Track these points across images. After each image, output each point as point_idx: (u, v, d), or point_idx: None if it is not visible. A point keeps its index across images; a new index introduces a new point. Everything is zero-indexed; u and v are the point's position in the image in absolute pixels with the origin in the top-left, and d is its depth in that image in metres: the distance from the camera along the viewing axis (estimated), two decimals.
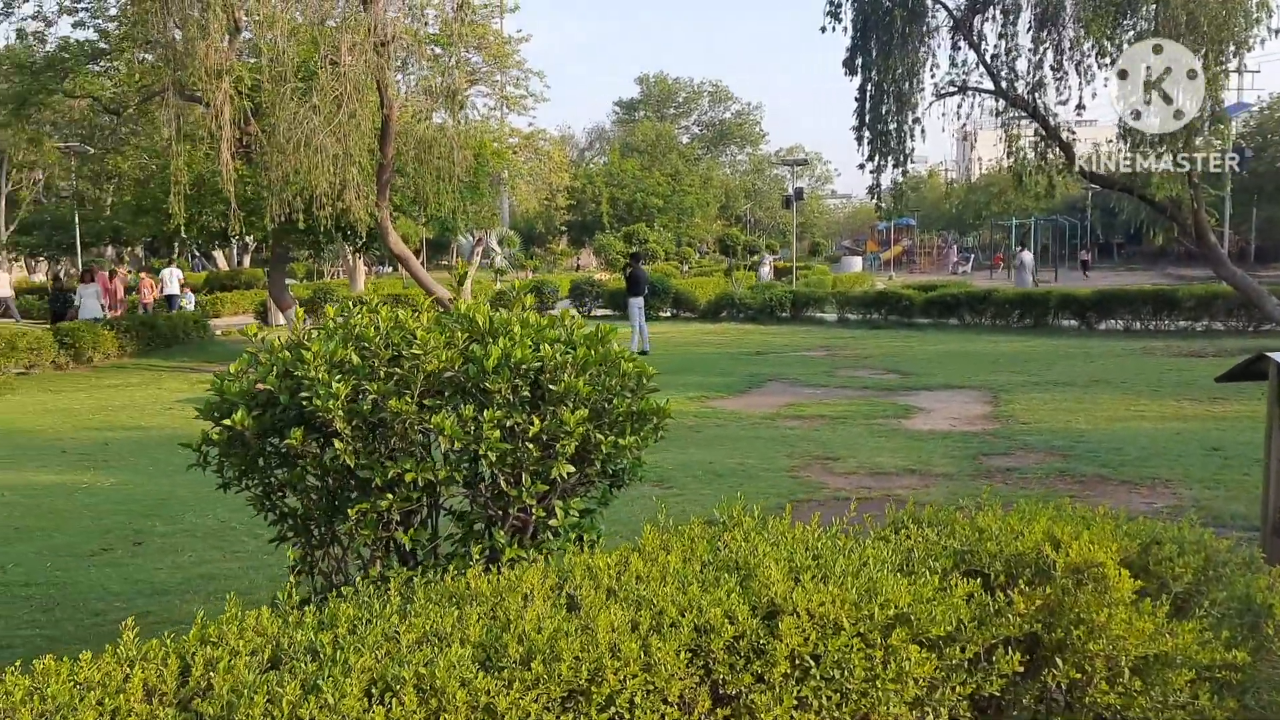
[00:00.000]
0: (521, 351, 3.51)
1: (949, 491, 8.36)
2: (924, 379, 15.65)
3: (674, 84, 71.71)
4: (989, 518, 3.47)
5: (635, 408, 3.83)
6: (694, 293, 30.11)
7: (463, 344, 3.64)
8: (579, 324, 4.10)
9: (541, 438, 3.51)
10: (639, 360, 4.12)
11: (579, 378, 3.59)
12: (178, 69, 13.32)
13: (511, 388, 3.52)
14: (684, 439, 11.03)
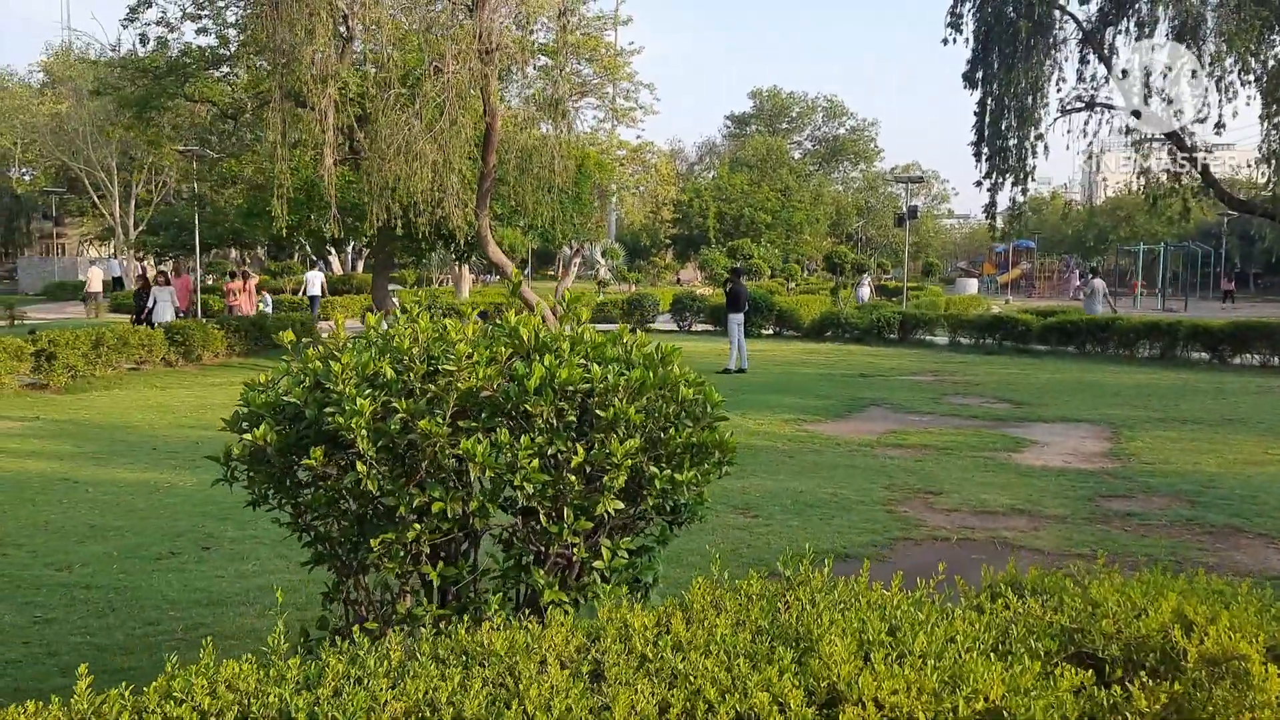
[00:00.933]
0: (568, 371, 3.12)
1: (1061, 537, 7.71)
2: (1038, 410, 14.79)
3: (787, 98, 70.88)
4: (1105, 588, 2.95)
5: (696, 439, 3.40)
6: (798, 311, 29.45)
7: (505, 360, 3.28)
8: (641, 341, 3.70)
9: (585, 469, 3.12)
10: (704, 385, 3.69)
11: (631, 403, 3.19)
12: (284, 74, 13.44)
13: (556, 411, 3.14)
14: (775, 464, 10.54)
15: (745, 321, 28.27)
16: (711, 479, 3.57)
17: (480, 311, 15.46)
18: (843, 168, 72.94)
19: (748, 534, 7.70)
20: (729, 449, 3.54)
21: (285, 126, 14.07)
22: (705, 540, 7.42)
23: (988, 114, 17.62)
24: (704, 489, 3.63)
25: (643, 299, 31.37)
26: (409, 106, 13.63)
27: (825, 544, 7.40)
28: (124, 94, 19.20)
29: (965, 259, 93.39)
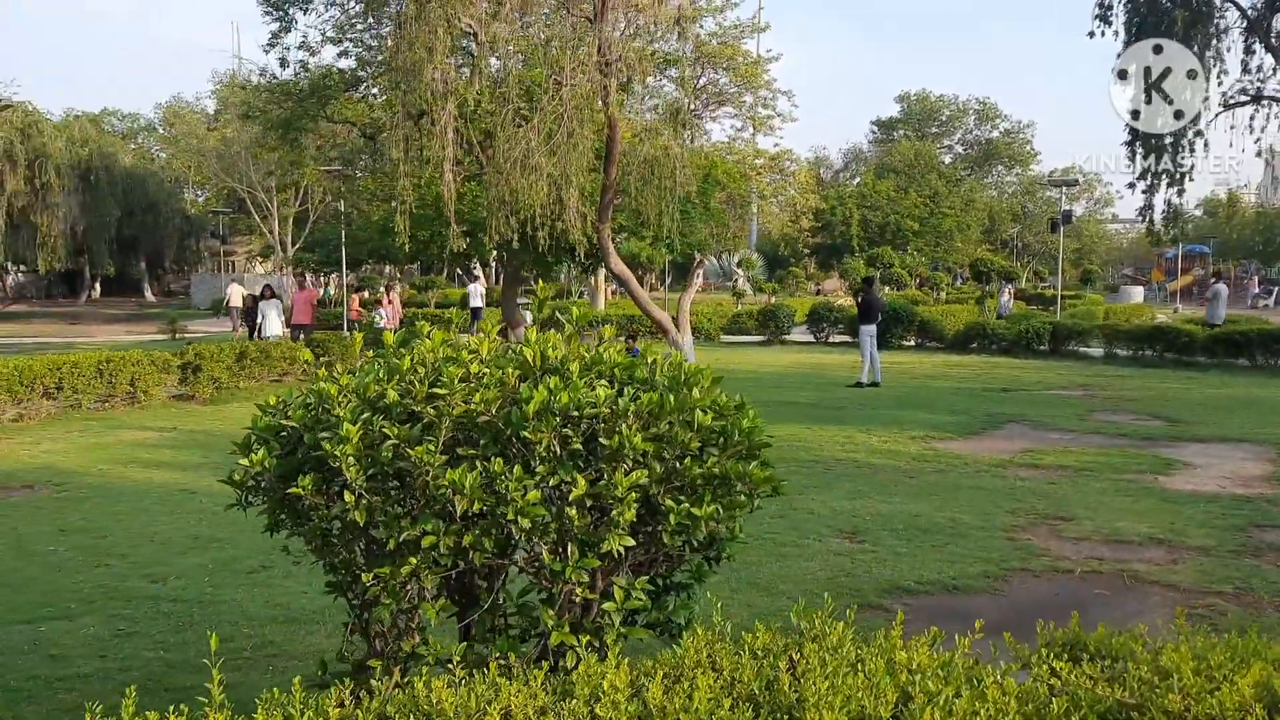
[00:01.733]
0: (569, 395, 2.87)
1: (1201, 571, 6.99)
2: (1195, 429, 13.69)
3: (936, 101, 68.73)
4: (1182, 654, 2.50)
5: (719, 469, 3.09)
6: (941, 321, 28.37)
7: (513, 383, 3.05)
8: (674, 361, 3.42)
9: (586, 502, 2.85)
10: (735, 409, 3.38)
11: (645, 430, 2.91)
12: (407, 92, 13.70)
13: (560, 439, 2.89)
14: (893, 485, 10.02)
15: (883, 333, 27.57)
16: (740, 514, 3.23)
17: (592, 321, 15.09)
18: (996, 172, 70.36)
19: (849, 560, 7.27)
20: (760, 480, 3.19)
21: (407, 144, 14.35)
22: (801, 567, 7.05)
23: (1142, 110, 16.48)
24: (733, 524, 3.30)
25: (777, 310, 30.83)
26: (528, 120, 13.67)
27: (933, 574, 6.92)
28: (269, 116, 20.06)
29: (1131, 265, 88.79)
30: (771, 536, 7.87)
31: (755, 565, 7.08)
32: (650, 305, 18.19)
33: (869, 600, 6.36)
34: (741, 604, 6.22)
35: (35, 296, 58.24)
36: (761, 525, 8.24)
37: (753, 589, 6.57)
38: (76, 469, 10.63)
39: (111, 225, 45.60)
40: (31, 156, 42.05)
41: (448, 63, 13.23)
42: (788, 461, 11.28)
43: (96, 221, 44.70)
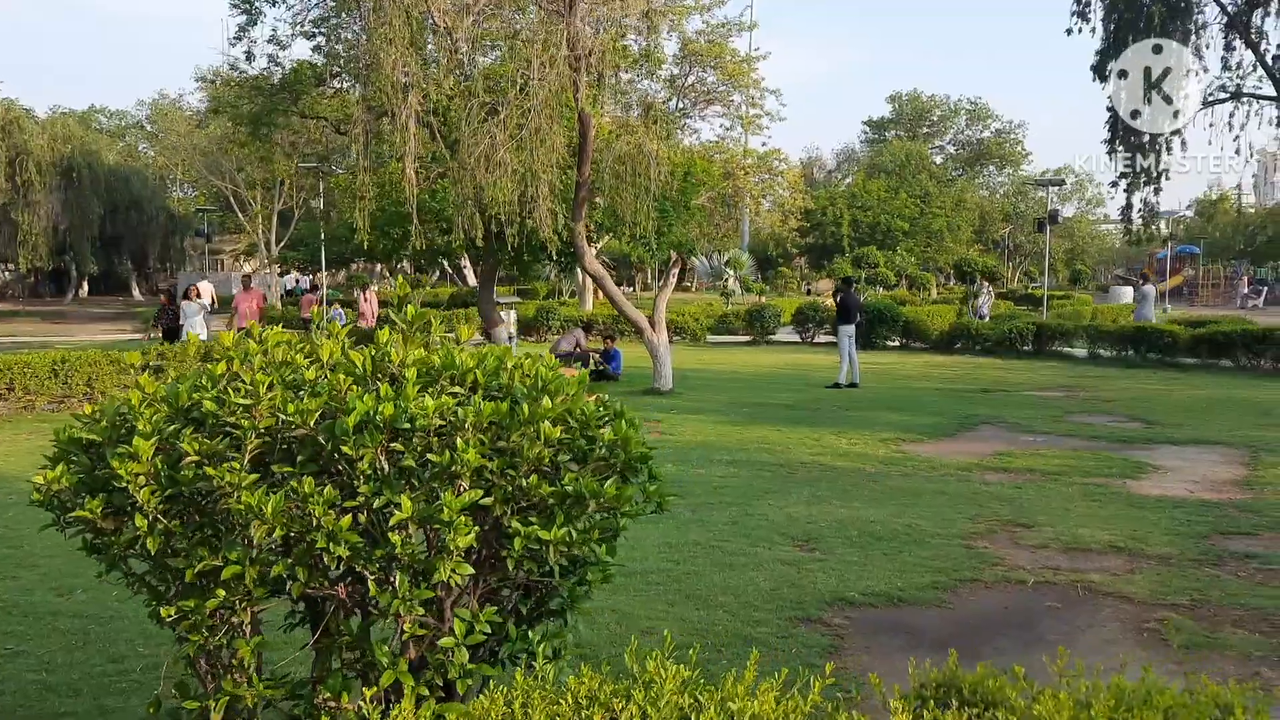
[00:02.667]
0: (392, 407, 2.57)
1: (1157, 582, 6.71)
2: (1171, 431, 13.42)
3: (928, 101, 68.37)
4: (1056, 703, 2.20)
5: (573, 488, 2.79)
6: (926, 322, 28.09)
7: (344, 392, 2.75)
8: (529, 366, 3.12)
9: (408, 525, 2.55)
10: (606, 420, 3.09)
11: (479, 445, 2.61)
12: (366, 84, 13.39)
13: (389, 455, 2.59)
14: (855, 489, 9.73)
15: (868, 334, 27.29)
16: (591, 538, 2.91)
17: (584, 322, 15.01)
18: (987, 172, 70.08)
19: (796, 570, 6.97)
20: (613, 499, 2.89)
21: (368, 138, 14.05)
22: (744, 578, 6.76)
23: (1121, 109, 16.21)
24: (600, 547, 3.00)
25: (763, 310, 30.56)
26: (493, 116, 13.36)
27: (880, 585, 6.63)
28: (239, 111, 19.74)
29: (1124, 266, 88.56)
30: (720, 545, 7.59)
31: (696, 576, 6.80)
32: (626, 305, 17.90)
33: (808, 613, 6.07)
34: (675, 618, 5.94)
35: (21, 295, 57.85)
36: (712, 533, 7.97)
37: (689, 602, 6.28)
38: (13, 474, 10.31)
39: (94, 223, 45.22)
40: (12, 154, 41.68)
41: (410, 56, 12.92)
42: (752, 465, 11.02)
43: (79, 219, 44.32)
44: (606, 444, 2.99)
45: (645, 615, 5.97)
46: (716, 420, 14.39)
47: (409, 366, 2.79)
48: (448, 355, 2.96)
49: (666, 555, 7.29)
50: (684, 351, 27.26)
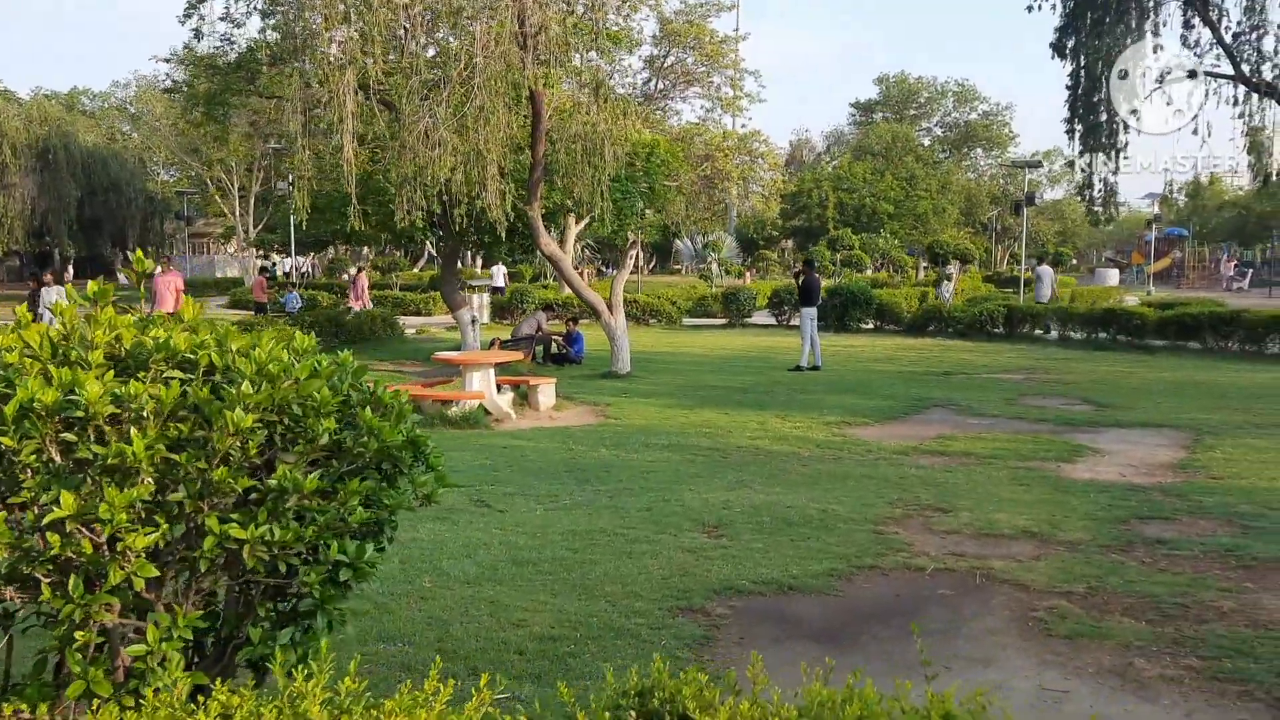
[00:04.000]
0: (53, 394, 2.40)
1: (1060, 569, 6.58)
2: (1121, 414, 13.30)
3: (915, 83, 67.89)
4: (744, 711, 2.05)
5: (279, 483, 2.62)
6: (900, 304, 27.95)
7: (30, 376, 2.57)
8: (265, 346, 2.96)
9: (64, 524, 2.38)
10: (329, 408, 2.92)
11: (150, 434, 2.45)
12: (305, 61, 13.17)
13: (63, 447, 2.43)
14: (781, 474, 9.59)
15: (842, 316, 27.14)
16: (309, 532, 2.74)
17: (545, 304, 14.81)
18: (974, 155, 69.77)
19: (695, 558, 6.83)
20: (349, 496, 2.71)
21: (306, 117, 13.83)
22: (639, 566, 6.62)
23: (1080, 87, 16.02)
24: (333, 544, 2.83)
25: (738, 293, 30.41)
26: (436, 93, 13.13)
27: (776, 572, 6.49)
28: (194, 90, 19.48)
29: (1113, 248, 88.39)
30: (626, 532, 7.44)
31: (591, 564, 6.66)
32: (583, 288, 17.75)
33: (692, 603, 5.93)
34: (553, 610, 5.79)
35: (6, 279, 57.55)
36: (623, 519, 7.83)
37: (575, 592, 6.13)
38: None
39: (71, 206, 44.87)
40: None
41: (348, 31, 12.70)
42: (687, 449, 10.89)
43: (55, 202, 43.99)
44: (361, 433, 2.83)
45: (522, 606, 5.82)
46: (666, 403, 14.25)
47: (96, 348, 2.62)
48: (166, 337, 2.80)
49: (568, 543, 7.15)
50: (657, 334, 27.14)
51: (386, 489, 3.13)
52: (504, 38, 14.09)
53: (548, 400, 13.94)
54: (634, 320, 30.33)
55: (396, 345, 23.46)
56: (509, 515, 7.95)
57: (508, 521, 7.74)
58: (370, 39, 12.66)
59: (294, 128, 13.87)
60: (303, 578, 2.77)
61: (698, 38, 35.91)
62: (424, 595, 6.02)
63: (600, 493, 8.75)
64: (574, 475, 9.52)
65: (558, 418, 13.50)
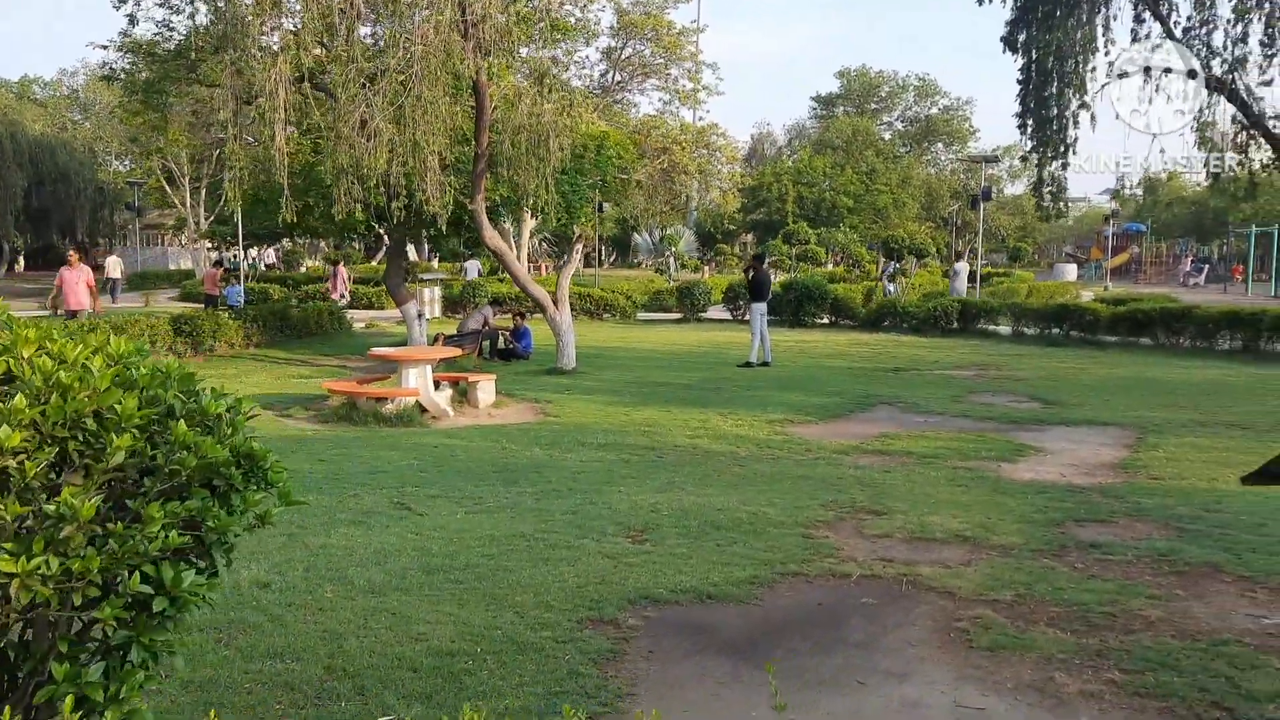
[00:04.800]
0: None
1: (988, 575, 6.39)
2: (1068, 411, 13.19)
3: (876, 77, 67.99)
4: None
5: (54, 508, 2.31)
6: (854, 300, 27.85)
7: None
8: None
9: None
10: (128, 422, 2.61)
11: None
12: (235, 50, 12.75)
13: None
14: (717, 474, 9.35)
15: (797, 310, 26.99)
16: (96, 562, 2.42)
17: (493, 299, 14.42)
18: (935, 149, 70.00)
19: (614, 565, 6.56)
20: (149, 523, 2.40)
21: (238, 105, 13.39)
22: (554, 574, 6.33)
23: (1031, 82, 15.89)
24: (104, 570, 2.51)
25: (693, 287, 30.17)
26: (374, 82, 12.74)
27: (696, 580, 6.24)
28: (132, 79, 18.94)
29: (1073, 243, 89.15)
30: (546, 537, 7.16)
31: (506, 572, 6.37)
32: (528, 282, 17.42)
33: (604, 614, 5.66)
34: (457, 622, 5.50)
35: None
36: (546, 524, 7.55)
37: (483, 602, 5.84)
38: None
39: (18, 195, 43.80)
40: None
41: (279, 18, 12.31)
42: (623, 449, 10.62)
43: (1, 192, 42.93)
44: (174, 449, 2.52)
45: (425, 618, 5.53)
46: (608, 401, 13.99)
47: None
48: None
49: (484, 549, 6.85)
50: (609, 329, 26.84)
51: (214, 509, 2.82)
52: (444, 26, 13.73)
53: (487, 397, 13.63)
54: (588, 315, 30.07)
55: (344, 339, 23.02)
56: (428, 519, 7.65)
57: (426, 525, 7.44)
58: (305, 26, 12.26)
59: (224, 116, 13.42)
60: (97, 612, 2.46)
61: (655, 29, 35.59)
62: (323, 607, 5.71)
63: (527, 495, 8.47)
64: (502, 476, 9.22)
65: (496, 415, 13.19)
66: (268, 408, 13.48)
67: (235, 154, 13.48)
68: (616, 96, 39.04)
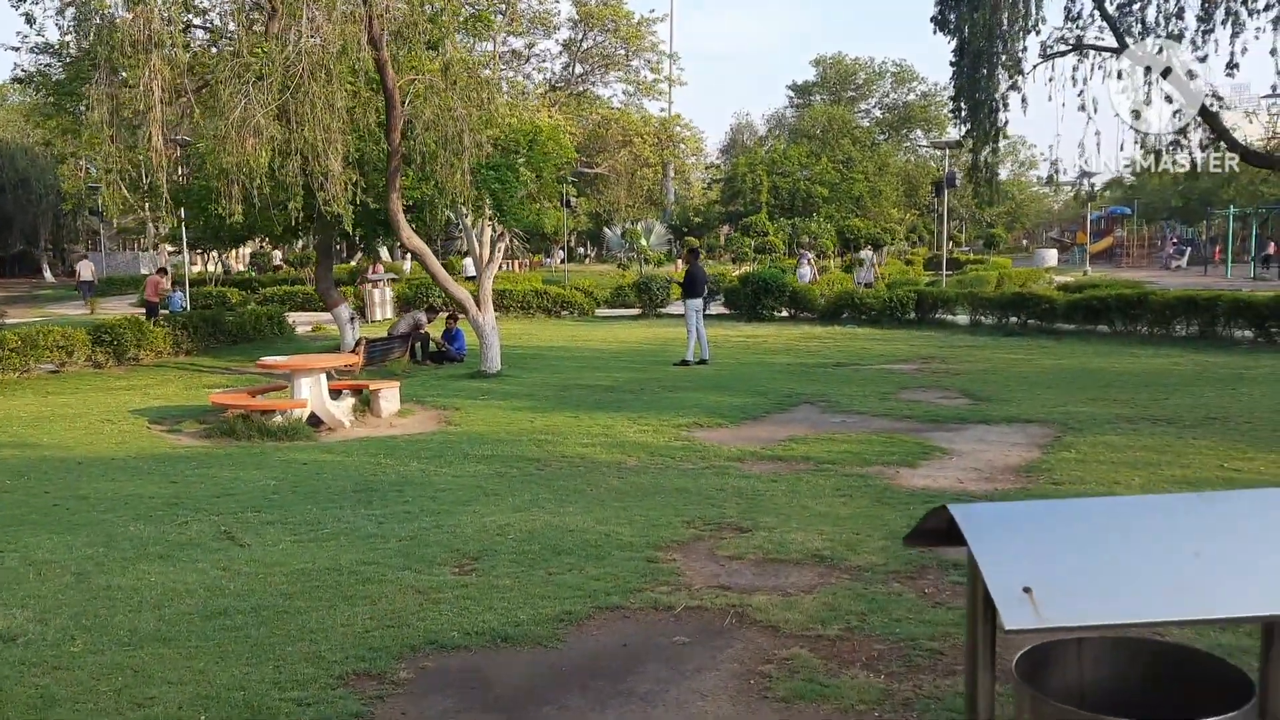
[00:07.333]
0: None
1: (825, 604, 5.81)
2: (993, 408, 12.60)
3: (852, 64, 67.20)
4: None
5: None
6: (813, 292, 27.24)
7: None
8: None
9: None
10: None
11: None
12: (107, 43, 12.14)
13: None
14: (588, 489, 8.75)
15: (754, 304, 26.40)
16: None
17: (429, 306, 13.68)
18: (914, 136, 69.25)
19: (420, 601, 5.96)
20: None
21: (114, 103, 12.76)
22: (345, 615, 5.73)
23: (964, 63, 15.28)
24: None
25: (651, 281, 29.56)
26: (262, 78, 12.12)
27: (499, 619, 5.65)
28: (46, 80, 18.31)
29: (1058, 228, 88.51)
30: (362, 569, 6.56)
31: (295, 614, 5.76)
32: (448, 282, 16.80)
33: (375, 666, 5.05)
34: (202, 680, 4.91)
35: None
36: (374, 553, 6.95)
37: (248, 654, 5.22)
38: None
39: None
40: None
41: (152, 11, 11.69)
42: (505, 460, 10.03)
43: None
44: None
45: (166, 678, 4.92)
46: (519, 406, 13.39)
47: None
48: None
49: (288, 585, 6.26)
50: (561, 328, 26.24)
51: None
52: (338, 17, 13.11)
53: (390, 406, 13.02)
54: (545, 313, 29.47)
55: (282, 346, 22.37)
56: (248, 551, 7.05)
57: (239, 559, 6.84)
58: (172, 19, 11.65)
59: (97, 118, 12.79)
60: None
61: (614, 19, 34.91)
62: (59, 664, 5.11)
63: (372, 518, 7.87)
64: (360, 496, 8.63)
65: (397, 425, 12.59)
66: (157, 421, 12.91)
67: (111, 157, 12.87)
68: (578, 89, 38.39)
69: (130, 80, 11.94)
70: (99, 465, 10.12)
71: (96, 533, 7.50)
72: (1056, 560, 2.42)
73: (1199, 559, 2.36)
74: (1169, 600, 2.30)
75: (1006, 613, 2.20)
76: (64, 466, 10.03)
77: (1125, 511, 2.81)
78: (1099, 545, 2.46)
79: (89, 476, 9.54)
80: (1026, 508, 2.92)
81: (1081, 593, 2.30)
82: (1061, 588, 2.29)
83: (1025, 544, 2.50)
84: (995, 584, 2.28)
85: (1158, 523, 2.59)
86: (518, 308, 29.47)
